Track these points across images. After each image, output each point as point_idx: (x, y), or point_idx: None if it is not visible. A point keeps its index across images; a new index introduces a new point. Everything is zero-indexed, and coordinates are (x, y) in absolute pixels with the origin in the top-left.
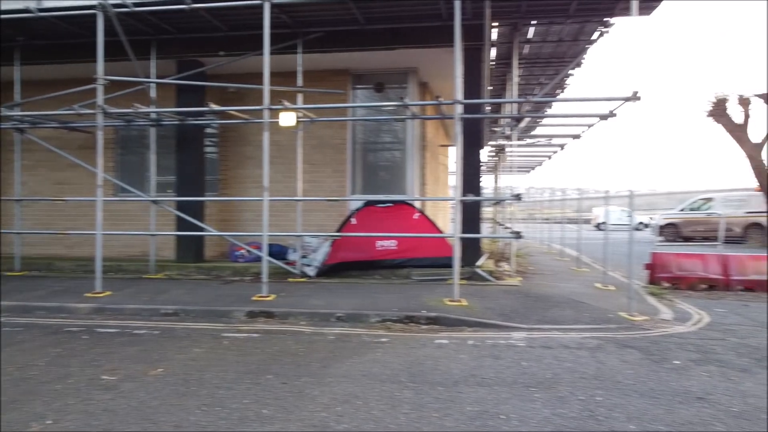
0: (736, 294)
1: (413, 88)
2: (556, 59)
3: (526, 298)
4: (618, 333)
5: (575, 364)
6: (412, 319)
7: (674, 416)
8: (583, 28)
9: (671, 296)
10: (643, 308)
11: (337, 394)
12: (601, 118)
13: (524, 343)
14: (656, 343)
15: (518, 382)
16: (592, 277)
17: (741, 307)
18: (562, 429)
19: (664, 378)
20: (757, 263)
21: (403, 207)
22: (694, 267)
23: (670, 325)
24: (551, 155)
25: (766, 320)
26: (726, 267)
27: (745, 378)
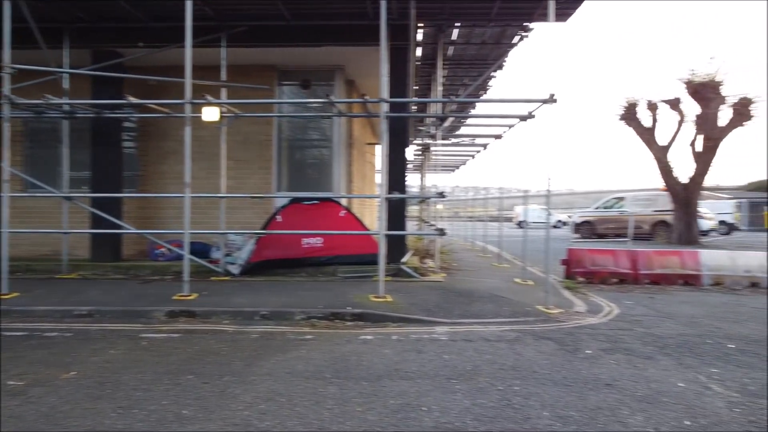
0: (644, 287)
1: (340, 86)
2: (479, 61)
3: (449, 294)
4: (535, 325)
5: (495, 356)
6: (337, 316)
7: (585, 402)
8: (504, 31)
9: (585, 290)
10: (559, 301)
11: (260, 392)
12: (521, 119)
13: (447, 337)
14: (570, 334)
15: (440, 375)
16: (512, 272)
17: (647, 299)
18: (481, 418)
19: (576, 367)
20: (663, 258)
21: (329, 204)
22: (606, 262)
23: (583, 317)
24: (474, 155)
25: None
26: (635, 262)
27: (649, 365)
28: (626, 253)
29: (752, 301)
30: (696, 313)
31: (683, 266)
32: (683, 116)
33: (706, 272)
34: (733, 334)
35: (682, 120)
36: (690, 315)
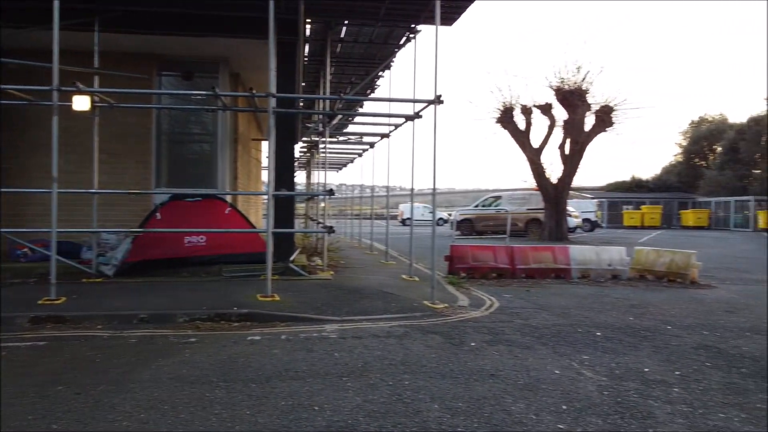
0: (520, 281)
1: (225, 79)
2: (367, 60)
3: (338, 291)
4: (422, 320)
5: (384, 352)
6: (222, 317)
7: (471, 393)
8: (392, 32)
9: (468, 285)
10: (443, 296)
11: (140, 401)
12: (408, 119)
13: (336, 334)
14: (455, 327)
15: (331, 373)
16: (398, 269)
17: (524, 292)
18: (372, 414)
19: (462, 359)
20: (537, 253)
21: (213, 202)
22: (487, 258)
23: (467, 311)
24: (362, 153)
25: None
26: (512, 257)
27: (528, 354)
28: (504, 249)
29: (614, 292)
30: (567, 304)
31: (555, 261)
32: (554, 121)
33: (575, 266)
34: (600, 322)
35: (552, 124)
36: (562, 306)
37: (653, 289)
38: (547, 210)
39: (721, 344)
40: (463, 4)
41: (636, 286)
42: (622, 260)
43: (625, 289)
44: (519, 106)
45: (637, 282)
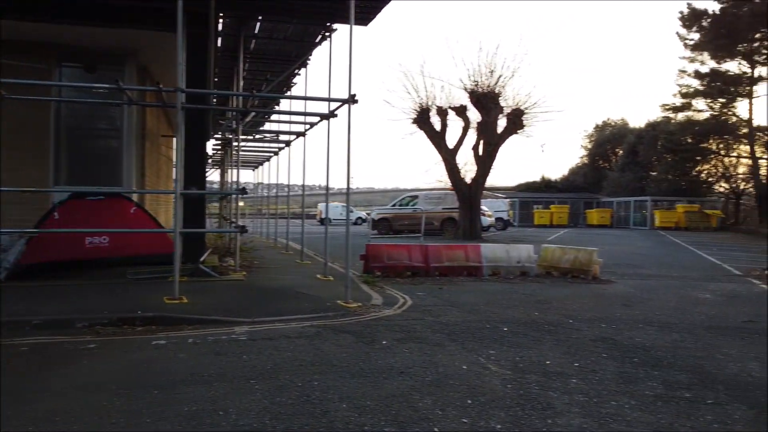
0: (434, 279)
1: (132, 73)
2: (283, 57)
3: (250, 292)
4: (335, 320)
5: (295, 353)
6: (126, 321)
7: (380, 391)
8: (308, 29)
9: (383, 283)
10: (358, 295)
11: (31, 413)
12: (323, 118)
13: (246, 336)
14: (368, 326)
15: (239, 376)
16: (314, 268)
17: (437, 290)
18: (279, 416)
19: (373, 358)
20: (450, 252)
21: (118, 200)
22: (401, 256)
23: (380, 309)
24: (278, 151)
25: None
26: (426, 256)
27: (438, 351)
28: (419, 247)
29: (522, 288)
30: (478, 301)
31: (467, 259)
32: (468, 123)
33: (486, 264)
34: (507, 318)
35: (467, 126)
36: (473, 303)
37: (558, 285)
38: (461, 209)
39: (617, 336)
40: (378, 4)
41: (543, 283)
42: (530, 257)
43: (533, 285)
44: (435, 107)
45: (544, 278)
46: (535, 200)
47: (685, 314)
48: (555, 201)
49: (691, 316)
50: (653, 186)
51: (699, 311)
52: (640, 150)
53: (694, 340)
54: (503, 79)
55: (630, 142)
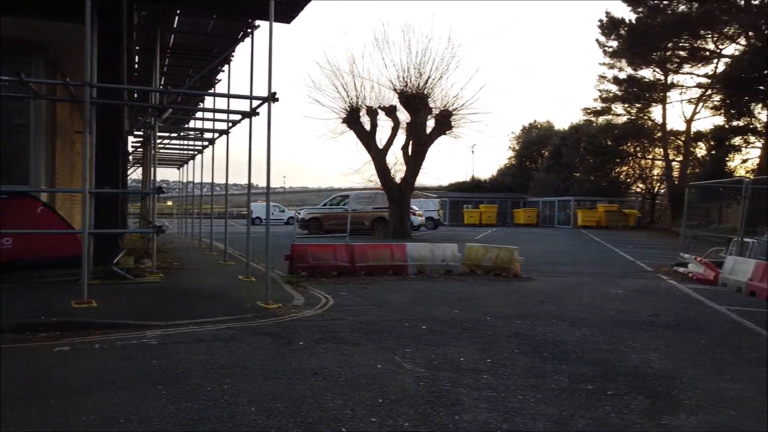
0: (360, 278)
1: (40, 65)
2: (205, 53)
3: (166, 294)
4: (253, 322)
5: (208, 356)
6: (28, 328)
7: (292, 392)
8: (230, 25)
9: (307, 284)
10: (279, 296)
11: None
12: (245, 116)
13: (158, 341)
14: (286, 327)
15: (145, 382)
16: (237, 269)
17: (361, 289)
18: (184, 422)
19: (288, 359)
20: (376, 251)
21: (24, 199)
22: (327, 256)
23: (301, 310)
24: (202, 149)
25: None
26: (352, 256)
27: (355, 351)
28: (344, 247)
29: (445, 286)
30: (400, 300)
31: (393, 258)
32: (397, 123)
33: (411, 263)
34: (428, 316)
35: (396, 126)
36: (395, 302)
37: (481, 283)
38: (391, 209)
39: (531, 332)
40: (300, 2)
41: (466, 281)
42: (454, 256)
43: (456, 283)
44: (365, 107)
45: (467, 276)
46: (465, 200)
47: (596, 309)
48: (484, 201)
49: (602, 311)
50: (576, 186)
51: (610, 306)
52: (565, 152)
53: (602, 334)
54: (432, 80)
55: (555, 144)
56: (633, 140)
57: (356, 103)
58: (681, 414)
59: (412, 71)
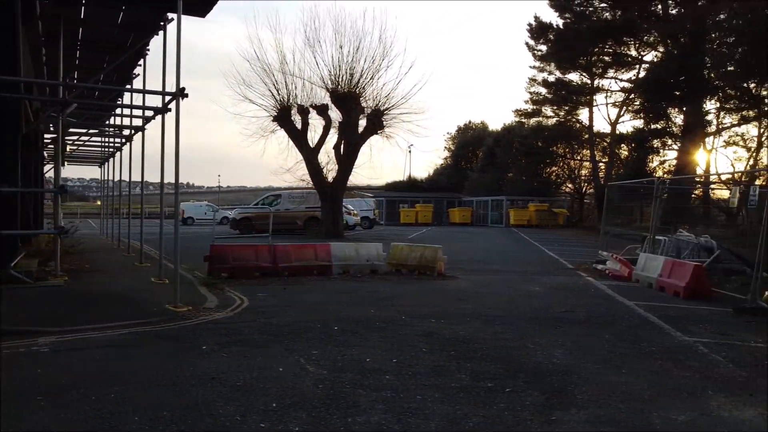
0: (282, 279)
1: None
2: (119, 47)
3: (68, 298)
4: (158, 326)
5: (102, 364)
6: None
7: (183, 399)
8: (143, 17)
9: (226, 285)
10: (192, 299)
11: None
12: (156, 112)
13: (49, 348)
14: (192, 331)
15: (26, 393)
16: (151, 271)
17: (281, 290)
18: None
19: (187, 364)
20: (300, 251)
21: None
22: (248, 257)
23: (212, 312)
24: (121, 146)
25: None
26: (274, 256)
27: (259, 354)
28: (266, 248)
29: (368, 286)
30: (319, 300)
31: (317, 258)
32: (329, 122)
33: (336, 263)
34: (344, 316)
35: (328, 125)
36: (313, 302)
37: (404, 282)
38: (324, 208)
39: (444, 330)
40: None
41: (390, 280)
42: (379, 256)
43: (379, 282)
44: (296, 105)
45: (392, 276)
46: (401, 199)
47: (513, 307)
48: (420, 200)
49: (519, 308)
50: (509, 186)
51: (525, 304)
52: (498, 152)
53: (512, 331)
54: (364, 79)
55: (489, 145)
56: (562, 142)
57: (287, 101)
58: (572, 409)
59: (344, 70)
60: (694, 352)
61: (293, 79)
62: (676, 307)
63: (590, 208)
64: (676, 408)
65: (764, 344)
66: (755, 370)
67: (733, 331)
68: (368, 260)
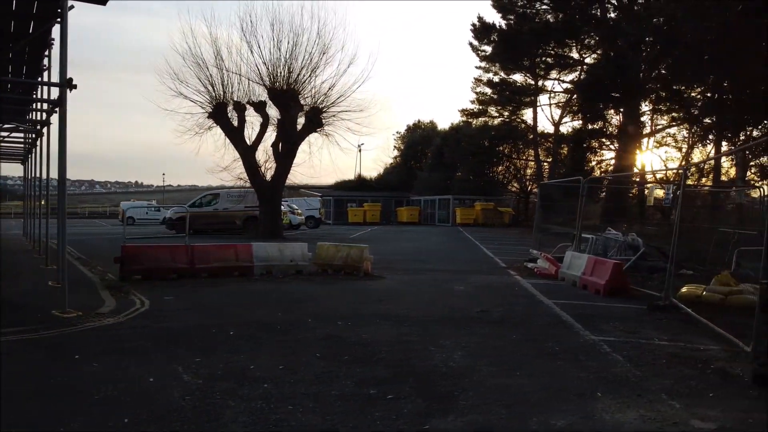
0: (200, 280)
1: None
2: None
3: None
4: (37, 333)
5: None
6: None
7: (26, 416)
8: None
9: (134, 288)
10: (88, 303)
11: None
12: (53, 105)
13: None
14: (72, 338)
15: None
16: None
17: (192, 292)
18: None
19: (49, 375)
20: (220, 252)
21: None
22: (164, 258)
23: (103, 318)
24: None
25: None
26: (192, 257)
27: (135, 362)
28: (184, 248)
29: (287, 287)
30: (228, 303)
31: (238, 259)
32: (267, 119)
33: (258, 263)
34: (246, 320)
35: (266, 122)
36: (220, 305)
37: (327, 283)
38: (262, 207)
39: (348, 333)
40: None
41: (313, 281)
42: (304, 256)
43: (301, 284)
44: (232, 102)
45: (317, 276)
46: (350, 198)
47: (431, 307)
48: (368, 199)
49: (436, 309)
50: (457, 185)
51: (445, 304)
52: (446, 151)
53: (419, 333)
54: (302, 76)
55: (437, 144)
56: (508, 141)
57: (223, 97)
58: (450, 416)
59: (282, 66)
60: (597, 352)
61: (229, 75)
62: (593, 305)
63: (535, 207)
64: (561, 411)
65: (667, 341)
66: (651, 369)
67: (642, 329)
68: (292, 261)
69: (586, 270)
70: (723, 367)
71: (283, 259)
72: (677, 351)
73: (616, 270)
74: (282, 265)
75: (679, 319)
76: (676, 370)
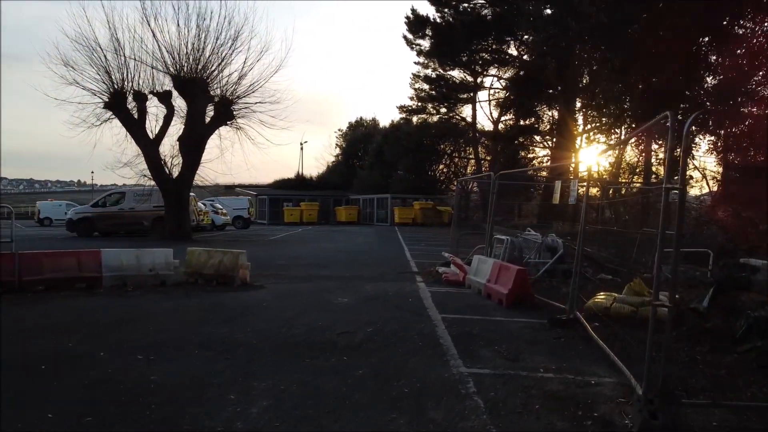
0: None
1: None
2: None
3: None
4: None
5: None
6: None
7: None
8: None
9: None
10: None
11: None
12: None
13: None
14: None
15: None
16: None
17: None
18: None
19: None
20: (56, 261)
21: None
22: None
23: None
24: None
25: None
26: (19, 267)
27: None
28: (8, 256)
29: (124, 303)
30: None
31: (81, 269)
32: (172, 111)
33: (108, 273)
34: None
35: (170, 114)
36: None
37: (187, 296)
38: (167, 207)
39: (133, 373)
40: None
41: (170, 294)
42: (168, 264)
43: (152, 297)
44: (132, 91)
45: (180, 288)
46: (286, 197)
47: (285, 328)
48: (306, 198)
49: (290, 330)
50: (397, 184)
51: (309, 323)
52: (386, 149)
53: (235, 370)
54: (211, 64)
55: (378, 142)
56: (449, 139)
57: (122, 85)
58: None
59: (188, 53)
60: (455, 395)
61: (128, 62)
62: (486, 321)
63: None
64: None
65: (553, 373)
66: (514, 422)
67: (529, 355)
68: (152, 270)
69: (491, 277)
70: (609, 414)
71: (140, 268)
72: (560, 388)
73: (519, 277)
74: (140, 275)
75: (580, 336)
76: (546, 422)
